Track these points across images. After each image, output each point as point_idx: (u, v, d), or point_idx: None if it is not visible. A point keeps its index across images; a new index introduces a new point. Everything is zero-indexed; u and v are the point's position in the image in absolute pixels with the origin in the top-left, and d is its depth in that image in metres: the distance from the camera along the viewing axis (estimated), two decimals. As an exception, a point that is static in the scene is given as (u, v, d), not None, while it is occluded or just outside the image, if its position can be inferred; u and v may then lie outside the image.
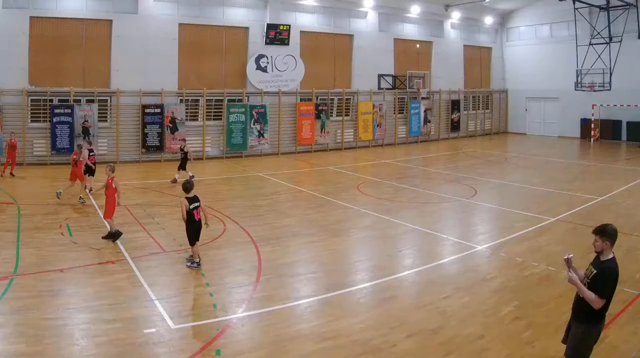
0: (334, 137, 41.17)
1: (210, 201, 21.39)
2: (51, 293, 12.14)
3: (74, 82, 32.08)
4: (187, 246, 14.78)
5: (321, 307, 11.95)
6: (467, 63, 50.01)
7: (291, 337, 10.34)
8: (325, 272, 14.11)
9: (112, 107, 33.27)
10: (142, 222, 18.63)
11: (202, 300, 12.24)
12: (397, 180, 27.91)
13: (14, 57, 30.41)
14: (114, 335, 10.16)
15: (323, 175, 30.44)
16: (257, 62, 37.78)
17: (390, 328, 10.62)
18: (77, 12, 32.14)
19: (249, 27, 37.56)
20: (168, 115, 34.13)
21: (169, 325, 10.69)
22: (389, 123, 43.98)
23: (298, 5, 39.63)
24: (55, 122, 31.32)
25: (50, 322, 10.59)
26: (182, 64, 35.42)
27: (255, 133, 37.19)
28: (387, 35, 44.18)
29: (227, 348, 9.84)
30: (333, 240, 17.10)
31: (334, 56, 41.96)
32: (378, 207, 21.51)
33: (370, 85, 42.86)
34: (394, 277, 13.64)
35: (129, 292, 12.37)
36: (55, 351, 9.59)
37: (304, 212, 20.96)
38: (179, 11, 35.12)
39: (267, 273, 13.83)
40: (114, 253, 15.14)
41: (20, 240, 16.22)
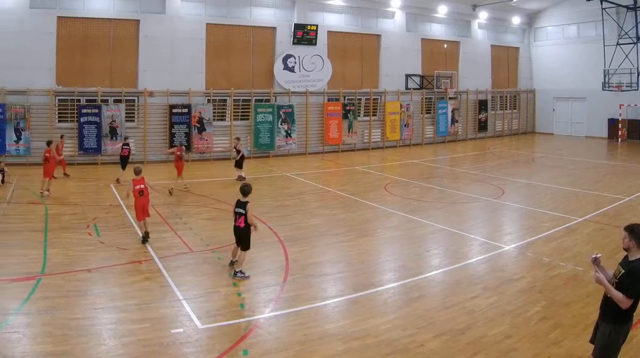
0: (361, 137, 39.71)
1: None
2: (78, 293, 11.81)
3: (102, 82, 30.99)
4: (215, 246, 15.04)
5: (349, 307, 11.60)
6: (495, 63, 48.18)
7: (318, 337, 10.05)
8: (352, 272, 13.65)
9: (140, 107, 32.11)
10: (170, 222, 18.04)
11: (229, 300, 11.81)
12: (424, 180, 26.94)
13: (41, 57, 29.40)
14: (142, 335, 9.91)
15: (350, 175, 29.42)
16: (284, 62, 36.44)
17: (418, 328, 10.35)
18: (104, 12, 31.05)
19: (276, 27, 36.22)
20: (195, 115, 32.99)
21: (196, 325, 10.41)
22: (417, 123, 42.40)
23: (325, 5, 38.17)
24: (83, 122, 30.24)
25: (77, 322, 10.29)
26: (210, 64, 34.17)
27: (283, 133, 35.93)
28: (415, 35, 42.54)
29: (254, 349, 9.57)
30: (360, 240, 16.50)
31: (362, 56, 40.40)
32: (405, 207, 20.77)
33: (398, 85, 41.24)
34: (421, 277, 13.27)
35: (157, 292, 12.07)
36: (83, 351, 9.32)
37: (332, 212, 20.22)
38: (206, 11, 33.88)
39: (295, 273, 13.46)
40: (141, 254, 14.74)
41: (48, 240, 15.77)
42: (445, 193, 23.69)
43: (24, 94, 29.11)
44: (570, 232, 17.45)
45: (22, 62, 28.84)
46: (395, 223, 18.60)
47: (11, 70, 28.61)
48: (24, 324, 10.13)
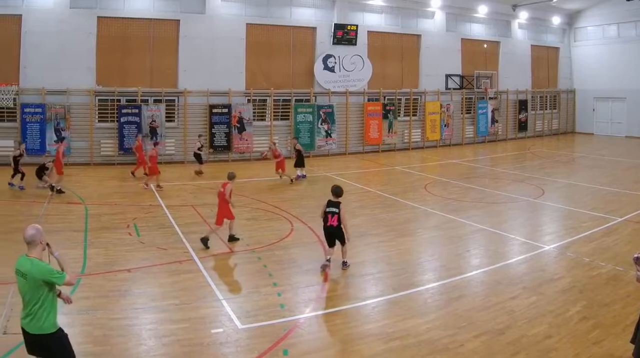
0: (401, 137, 37.47)
1: (277, 201, 20.54)
2: (119, 293, 11.39)
3: (141, 82, 29.34)
4: (254, 246, 14.68)
5: (389, 307, 11.09)
6: (535, 63, 45.30)
7: (359, 337, 9.64)
8: (392, 272, 13.06)
9: (180, 107, 30.43)
10: (210, 222, 16.71)
11: (269, 300, 11.24)
12: (464, 180, 25.53)
13: (81, 57, 27.89)
14: (181, 335, 9.53)
15: (390, 175, 28.00)
16: (324, 62, 34.34)
17: (458, 328, 9.90)
18: (144, 12, 29.40)
19: (316, 27, 34.17)
20: (235, 115, 31.21)
21: (236, 325, 9.98)
22: (457, 123, 40.00)
23: (365, 5, 35.95)
24: (123, 122, 28.66)
25: (117, 321, 9.92)
26: (250, 63, 32.28)
27: (323, 133, 33.97)
28: (455, 35, 40.02)
29: (294, 349, 9.14)
30: (400, 240, 15.80)
31: (402, 56, 38.02)
32: (445, 207, 19.85)
33: (438, 85, 38.87)
34: (461, 277, 12.70)
35: (197, 292, 11.58)
36: (123, 351, 8.99)
37: (372, 212, 19.21)
38: (246, 11, 32.00)
39: (335, 273, 12.84)
40: (181, 254, 14.13)
41: (88, 240, 15.21)
42: (485, 193, 22.63)
43: (64, 94, 27.63)
44: (611, 232, 16.71)
45: (62, 62, 27.42)
46: (435, 223, 17.75)
47: (51, 70, 27.21)
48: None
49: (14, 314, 9.76)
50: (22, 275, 6.68)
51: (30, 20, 27.04)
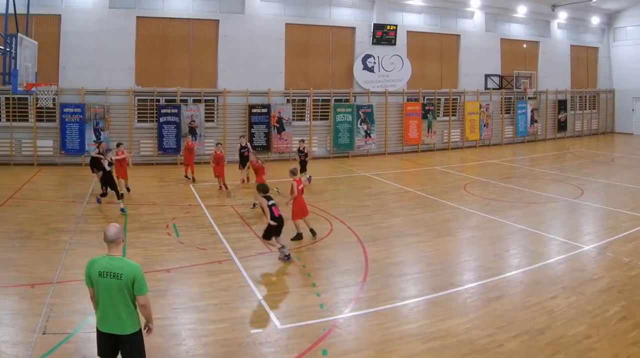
0: (440, 137, 34.86)
1: (316, 201, 19.11)
2: (158, 293, 10.55)
3: (181, 82, 27.39)
4: (294, 246, 13.84)
5: (428, 307, 10.48)
6: (574, 63, 42.03)
7: (398, 337, 9.10)
8: (431, 272, 12.34)
9: (219, 107, 28.40)
10: (249, 222, 16.35)
11: (308, 300, 10.62)
12: (503, 180, 24.02)
13: (120, 57, 26.08)
14: (221, 335, 9.05)
15: (430, 175, 26.14)
16: (364, 62, 31.96)
17: (497, 328, 9.38)
18: (183, 12, 27.42)
19: (355, 27, 31.77)
20: (275, 115, 29.10)
21: (275, 325, 9.48)
22: (496, 123, 37.13)
23: (405, 5, 33.37)
24: (162, 122, 26.76)
25: (156, 322, 8.38)
26: (289, 64, 30.10)
27: (362, 133, 31.60)
28: (494, 35, 37.10)
29: (333, 349, 8.68)
30: (440, 240, 14.92)
31: (441, 56, 35.35)
32: (485, 207, 18.71)
33: (477, 85, 36.13)
34: (500, 277, 11.99)
35: (236, 292, 10.99)
36: (162, 351, 8.46)
37: (411, 212, 18.19)
38: (285, 11, 29.82)
39: (374, 273, 12.19)
40: (220, 254, 13.38)
41: (127, 240, 13.97)
42: (525, 193, 21.31)
43: (103, 94, 25.83)
44: (651, 232, 15.76)
45: (101, 62, 25.66)
46: (474, 223, 16.75)
47: (91, 70, 25.46)
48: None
49: (53, 314, 9.35)
50: (115, 276, 6.18)
51: (69, 20, 25.30)
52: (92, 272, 6.29)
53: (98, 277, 6.24)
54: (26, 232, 14.62)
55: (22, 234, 14.37)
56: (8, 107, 25.06)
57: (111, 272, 6.20)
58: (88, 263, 6.43)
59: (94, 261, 6.36)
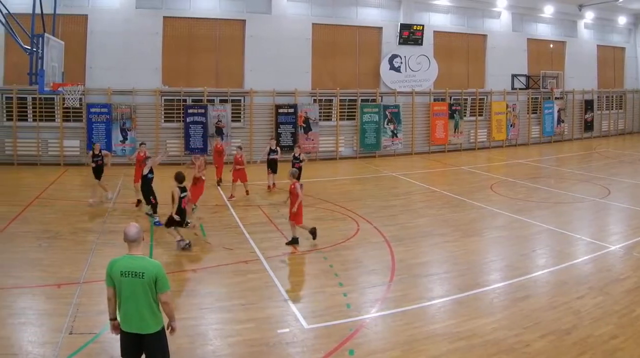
0: (467, 137, 32.86)
1: (343, 201, 18.33)
2: (184, 293, 10.37)
3: (207, 82, 25.89)
4: (321, 246, 13.23)
5: (454, 307, 9.90)
6: (601, 63, 39.49)
7: (424, 337, 8.55)
8: (458, 272, 11.73)
9: (246, 107, 26.82)
10: (276, 222, 15.55)
11: (335, 300, 10.08)
12: (530, 180, 22.80)
13: (147, 57, 24.68)
14: (247, 335, 8.56)
15: (456, 175, 24.81)
16: (390, 62, 30.10)
17: (524, 328, 8.79)
18: (210, 12, 25.93)
19: (382, 27, 29.92)
20: (301, 115, 27.47)
21: (302, 325, 8.93)
22: (522, 123, 34.93)
23: (431, 5, 31.41)
24: (189, 122, 25.28)
25: (183, 322, 8.45)
26: (316, 63, 28.38)
27: (389, 133, 29.78)
28: (521, 35, 34.88)
29: (360, 349, 8.12)
30: (466, 240, 14.17)
31: (468, 56, 33.28)
32: (511, 207, 17.74)
33: (504, 85, 33.94)
34: (527, 277, 11.37)
35: (262, 292, 10.47)
36: (189, 351, 7.97)
37: (438, 212, 17.30)
38: (312, 11, 28.11)
39: (401, 273, 11.60)
40: (247, 254, 12.72)
41: (154, 239, 13.82)
42: (552, 193, 20.27)
43: (130, 94, 24.46)
44: (678, 232, 14.87)
45: (128, 62, 24.30)
46: (501, 223, 15.95)
47: (117, 70, 24.10)
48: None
49: (80, 314, 8.98)
50: (137, 275, 5.89)
51: (96, 20, 23.97)
52: (114, 272, 5.98)
53: (120, 277, 5.93)
54: (53, 232, 13.88)
55: (48, 234, 13.66)
56: (35, 107, 23.80)
57: (133, 271, 5.92)
58: (109, 263, 6.11)
59: (115, 261, 6.07)
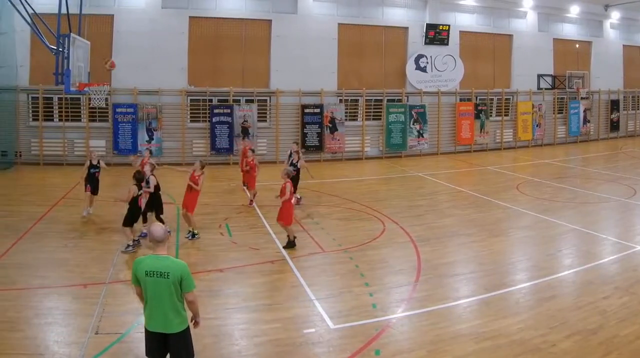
0: (493, 137, 30.66)
1: (369, 201, 17.27)
2: (210, 293, 9.54)
3: (233, 82, 24.16)
4: (347, 246, 12.44)
5: (480, 307, 9.19)
6: (627, 63, 36.72)
7: (450, 337, 7.99)
8: (484, 272, 10.96)
9: (272, 107, 25.07)
10: (302, 222, 14.51)
11: (361, 300, 9.39)
12: (556, 180, 21.40)
13: (173, 57, 23.05)
14: (273, 335, 8.00)
15: (482, 175, 23.27)
16: (416, 62, 28.09)
17: (550, 328, 8.24)
18: (236, 12, 24.18)
19: (408, 27, 27.88)
20: (327, 115, 25.58)
21: (328, 325, 8.37)
22: (548, 123, 32.55)
23: (457, 5, 29.28)
24: (215, 122, 23.58)
25: (209, 322, 8.00)
26: (342, 63, 26.45)
27: (415, 133, 27.77)
28: (547, 35, 32.48)
29: (386, 349, 7.63)
30: (492, 240, 13.37)
31: (494, 56, 31.03)
32: (537, 207, 16.66)
33: (530, 85, 31.67)
34: (553, 277, 10.61)
35: (288, 292, 9.82)
36: (215, 351, 7.50)
37: (463, 211, 16.26)
38: (338, 11, 26.19)
39: (427, 273, 10.86)
40: (273, 254, 11.98)
41: (180, 240, 12.88)
42: (577, 193, 19.10)
43: (156, 93, 22.86)
44: None
45: (154, 62, 22.71)
46: (527, 223, 15.03)
47: (143, 70, 22.53)
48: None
49: (106, 314, 8.54)
50: (162, 275, 5.55)
51: (122, 20, 22.40)
52: (139, 272, 5.67)
53: (145, 277, 5.63)
54: (79, 232, 13.15)
55: (74, 234, 12.92)
56: (61, 107, 22.31)
57: (158, 271, 5.62)
58: (135, 262, 5.84)
59: (140, 260, 5.78)
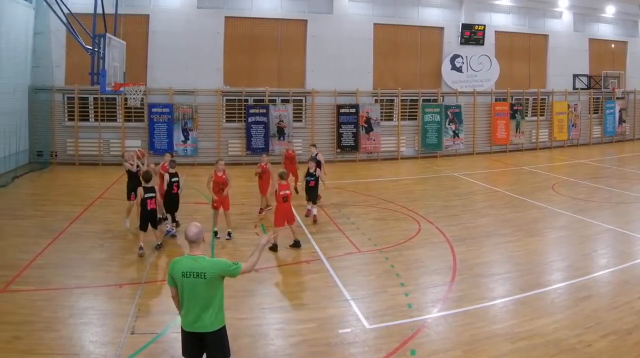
0: (528, 137, 27.68)
1: (405, 201, 15.70)
2: (246, 293, 8.54)
3: (269, 82, 21.88)
4: (382, 246, 11.18)
5: (516, 307, 8.28)
6: None
7: (486, 337, 7.20)
8: (520, 272, 9.79)
9: (307, 107, 22.74)
10: (337, 222, 13.31)
11: (396, 300, 8.44)
12: (592, 180, 19.44)
13: (208, 57, 20.87)
14: (309, 335, 7.23)
15: (518, 175, 21.11)
16: (452, 62, 25.38)
17: (585, 328, 7.43)
18: (271, 12, 21.87)
19: (443, 27, 25.15)
20: (363, 115, 23.07)
21: (363, 325, 7.55)
22: (584, 123, 29.32)
23: (493, 6, 26.36)
24: (250, 122, 21.32)
25: (245, 321, 7.52)
26: (377, 64, 23.86)
27: (450, 133, 25.05)
28: (582, 35, 29.27)
29: (421, 349, 6.91)
30: (528, 240, 11.96)
31: (529, 56, 28.01)
32: (573, 207, 15.16)
33: (565, 85, 28.51)
34: (588, 277, 9.50)
35: (324, 292, 8.81)
36: (250, 351, 6.84)
37: (499, 212, 14.82)
38: (373, 11, 23.65)
39: (462, 273, 9.64)
40: (308, 254, 10.73)
41: (216, 240, 11.55)
42: (613, 193, 17.48)
43: (191, 94, 20.70)
44: None
45: (189, 62, 20.58)
46: (562, 223, 13.62)
47: (179, 70, 20.40)
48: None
49: (141, 314, 7.67)
50: (199, 275, 5.03)
51: (157, 20, 20.33)
52: (175, 272, 5.08)
53: (182, 277, 5.04)
54: (115, 232, 12.01)
55: (110, 234, 11.83)
56: (96, 107, 20.33)
57: (194, 272, 5.03)
58: (171, 263, 5.22)
59: (176, 261, 5.17)
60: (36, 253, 10.25)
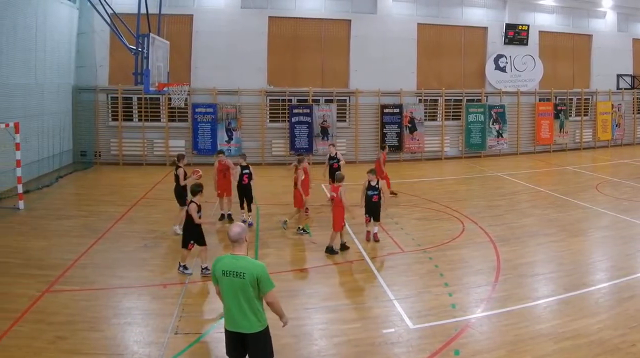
0: (572, 137, 24.14)
1: (449, 201, 13.84)
2: (290, 293, 7.54)
3: (313, 82, 19.12)
4: (426, 246, 9.82)
5: (560, 307, 7.25)
6: None
7: (530, 337, 6.35)
8: (563, 272, 8.51)
9: (351, 107, 19.93)
10: (381, 222, 10.72)
11: (440, 300, 7.41)
12: (636, 180, 17.02)
13: (252, 57, 18.24)
14: (353, 335, 6.42)
15: (562, 175, 18.79)
16: (495, 62, 22.11)
17: (629, 328, 6.50)
18: (315, 12, 19.12)
19: (487, 27, 21.90)
20: (407, 115, 20.16)
21: (407, 325, 6.68)
22: (628, 123, 25.54)
23: (537, 5, 22.97)
24: (294, 122, 18.71)
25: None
26: (421, 64, 20.81)
27: (494, 133, 21.83)
28: (626, 36, 25.40)
29: (465, 349, 6.08)
30: (572, 240, 10.30)
31: (573, 56, 24.40)
32: (617, 207, 13.08)
33: (609, 85, 24.81)
34: (632, 277, 8.24)
35: (368, 292, 7.83)
36: (294, 351, 6.08)
37: (543, 211, 12.85)
38: (417, 11, 20.68)
39: (506, 273, 8.46)
40: (353, 254, 9.35)
41: (260, 239, 10.20)
42: None
43: (235, 94, 18.16)
44: None
45: (233, 62, 18.04)
46: (606, 223, 11.79)
47: (223, 70, 17.91)
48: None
49: (185, 315, 6.83)
50: (238, 275, 4.38)
51: (201, 20, 17.84)
52: (217, 270, 4.49)
53: (222, 276, 4.45)
54: (159, 232, 10.71)
55: (154, 234, 10.54)
56: (140, 107, 17.96)
57: (234, 271, 4.41)
58: (214, 261, 4.57)
59: (219, 259, 4.55)
60: (80, 253, 9.24)
